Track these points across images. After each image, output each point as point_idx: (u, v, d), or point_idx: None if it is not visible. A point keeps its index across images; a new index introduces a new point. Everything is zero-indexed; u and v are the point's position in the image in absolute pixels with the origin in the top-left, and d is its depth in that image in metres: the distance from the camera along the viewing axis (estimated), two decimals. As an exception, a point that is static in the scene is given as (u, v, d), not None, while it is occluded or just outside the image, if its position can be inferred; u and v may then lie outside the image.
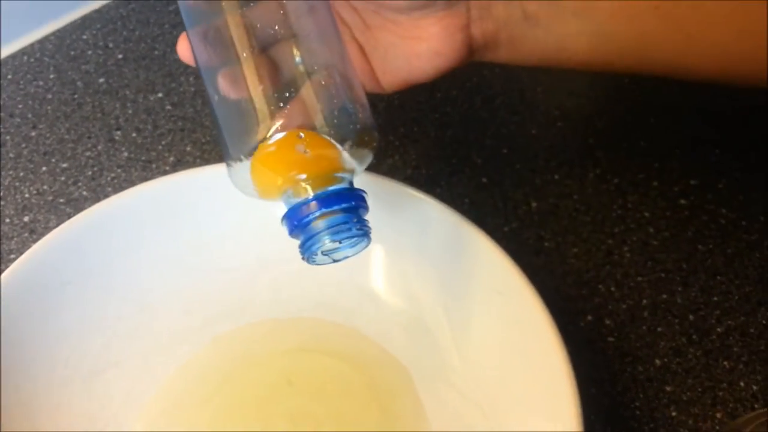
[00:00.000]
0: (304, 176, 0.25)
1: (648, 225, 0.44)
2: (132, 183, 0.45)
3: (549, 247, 0.43)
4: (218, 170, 0.36)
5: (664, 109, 0.50)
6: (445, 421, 0.34)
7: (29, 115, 0.50)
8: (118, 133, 0.49)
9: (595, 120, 0.50)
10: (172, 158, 0.47)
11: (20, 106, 0.50)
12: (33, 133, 0.49)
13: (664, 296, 0.40)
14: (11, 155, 0.47)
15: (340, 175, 0.26)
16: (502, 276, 0.33)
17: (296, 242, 0.27)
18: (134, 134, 0.49)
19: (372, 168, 0.29)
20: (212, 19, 0.26)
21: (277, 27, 0.26)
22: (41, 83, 0.52)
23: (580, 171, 0.47)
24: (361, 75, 0.32)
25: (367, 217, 0.27)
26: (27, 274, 0.32)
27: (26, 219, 0.44)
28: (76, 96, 0.51)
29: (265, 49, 0.26)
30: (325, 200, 0.25)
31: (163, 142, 0.48)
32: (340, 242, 0.26)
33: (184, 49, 0.30)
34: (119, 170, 0.46)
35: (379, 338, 0.36)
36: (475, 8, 0.30)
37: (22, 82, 0.52)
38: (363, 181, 0.31)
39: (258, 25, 0.26)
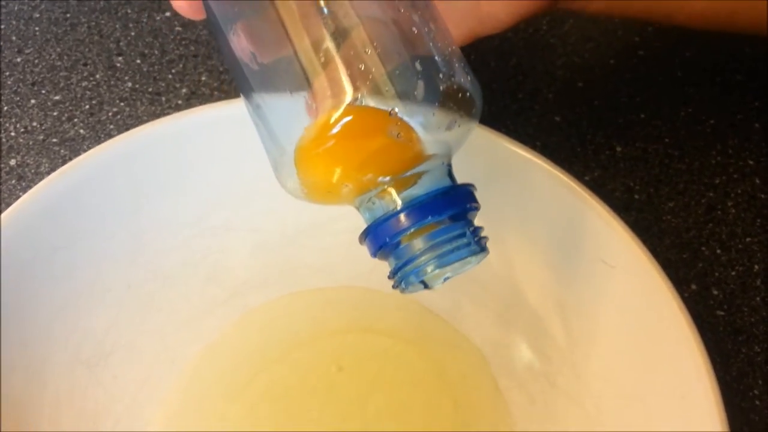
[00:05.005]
0: (390, 175, 0.19)
1: (753, 175, 0.39)
2: (138, 119, 0.41)
3: (640, 201, 0.38)
4: (243, 105, 0.30)
5: (762, 37, 0.44)
6: (533, 419, 0.29)
7: (13, 38, 0.46)
8: (120, 59, 0.45)
9: (682, 49, 0.45)
10: (184, 90, 0.43)
11: (2, 26, 0.46)
12: (18, 59, 0.45)
13: (779, 261, 0.36)
14: (-7, 85, 0.43)
15: (429, 164, 0.20)
16: (613, 244, 0.27)
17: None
18: (138, 61, 0.45)
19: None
20: None
21: None
22: (27, -1, 0.48)
23: (670, 110, 0.42)
24: None
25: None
26: (12, 236, 0.27)
27: (12, 162, 0.39)
28: (68, 14, 0.47)
29: None
30: (425, 207, 0.19)
31: (173, 71, 0.44)
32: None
33: None
34: (122, 104, 0.42)
35: (447, 314, 0.32)
36: None
37: (3, -2, 0.49)
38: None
39: None
